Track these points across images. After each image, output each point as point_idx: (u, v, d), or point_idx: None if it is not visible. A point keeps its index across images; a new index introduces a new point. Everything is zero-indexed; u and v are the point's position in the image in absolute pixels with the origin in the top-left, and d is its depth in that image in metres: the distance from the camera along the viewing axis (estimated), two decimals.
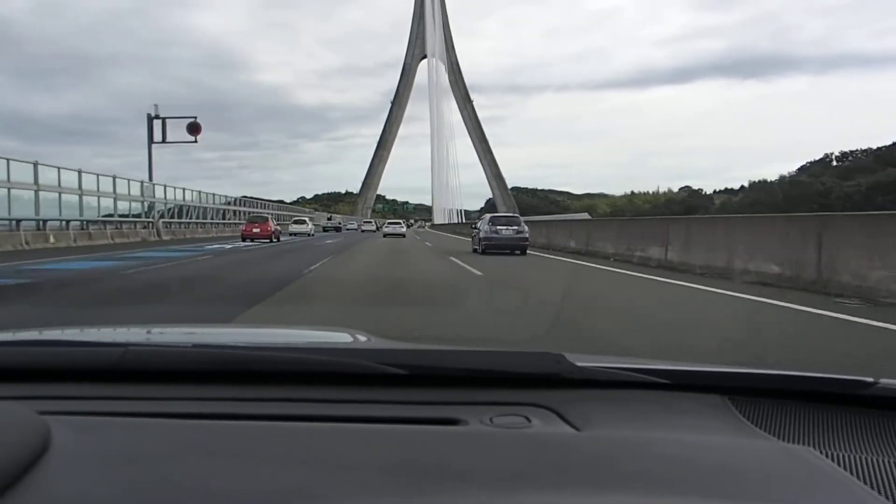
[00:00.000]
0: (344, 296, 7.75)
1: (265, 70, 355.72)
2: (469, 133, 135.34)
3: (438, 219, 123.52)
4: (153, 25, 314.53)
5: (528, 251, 17.12)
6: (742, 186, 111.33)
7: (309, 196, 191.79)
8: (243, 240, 28.71)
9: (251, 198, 54.52)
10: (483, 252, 17.17)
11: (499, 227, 17.73)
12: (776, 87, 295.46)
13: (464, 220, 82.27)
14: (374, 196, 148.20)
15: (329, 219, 72.15)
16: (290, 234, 38.86)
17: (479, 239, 18.14)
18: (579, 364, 0.99)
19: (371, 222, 74.15)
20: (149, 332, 1.64)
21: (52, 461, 0.66)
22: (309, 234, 39.39)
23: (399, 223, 45.36)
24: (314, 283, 9.52)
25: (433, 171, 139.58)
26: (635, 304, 7.49)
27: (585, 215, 50.90)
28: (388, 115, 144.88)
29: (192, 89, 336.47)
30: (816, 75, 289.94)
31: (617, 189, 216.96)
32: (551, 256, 16.10)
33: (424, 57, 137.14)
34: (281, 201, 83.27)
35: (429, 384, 0.98)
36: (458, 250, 19.14)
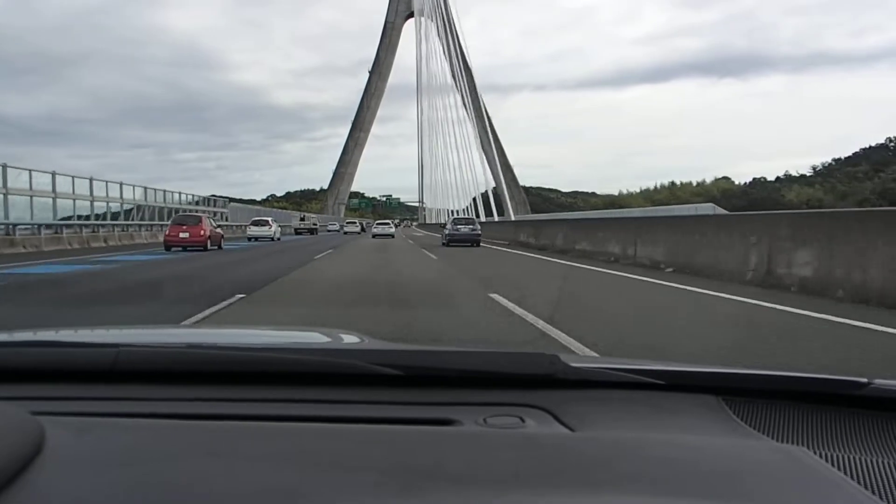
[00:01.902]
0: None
1: (241, 69, 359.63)
2: (467, 111, 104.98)
3: (430, 218, 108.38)
4: (126, 24, 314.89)
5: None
6: (779, 178, 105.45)
7: (280, 194, 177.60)
8: (167, 248, 21.58)
9: (219, 196, 51.99)
10: (447, 245, 24.71)
11: (458, 227, 26.66)
12: (755, 85, 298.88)
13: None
14: (349, 190, 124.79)
15: (302, 219, 61.03)
16: (249, 239, 33.62)
17: (445, 234, 26.57)
18: (573, 364, 1.03)
19: (355, 223, 66.23)
20: (143, 332, 1.81)
21: (46, 462, 0.68)
22: (272, 238, 34.12)
23: (388, 223, 48.21)
24: None
25: (420, 157, 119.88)
26: None
27: (711, 207, 32.12)
28: (366, 88, 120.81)
29: (168, 89, 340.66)
30: (795, 74, 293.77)
31: (599, 188, 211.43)
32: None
33: (411, 15, 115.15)
34: (252, 200, 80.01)
35: (423, 385, 1.02)
36: (432, 244, 26.33)
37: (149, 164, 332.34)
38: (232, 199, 53.88)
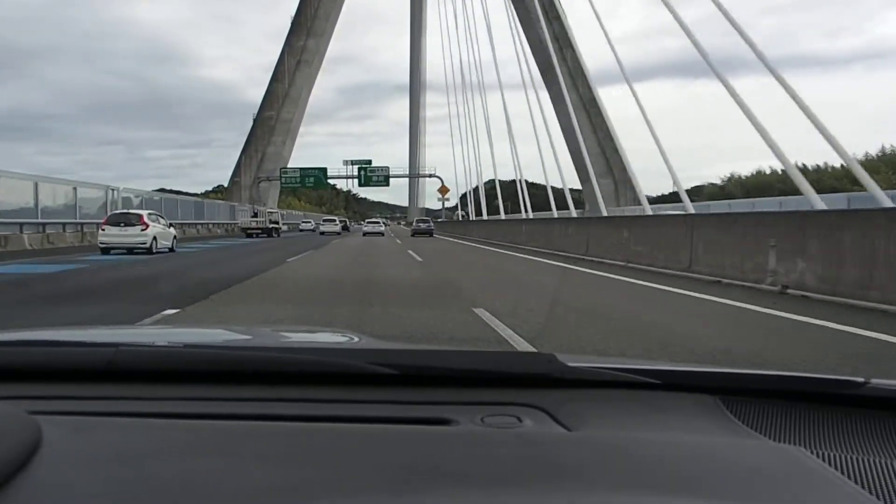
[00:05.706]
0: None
1: (213, 65, 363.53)
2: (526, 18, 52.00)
3: (422, 214, 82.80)
4: (93, 16, 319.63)
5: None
6: None
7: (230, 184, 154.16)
8: None
9: (167, 190, 48.73)
10: (413, 236, 42.48)
11: (420, 224, 46.94)
12: (734, 85, 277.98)
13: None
14: (287, 154, 67.67)
15: (254, 215, 47.01)
16: (104, 250, 21.33)
17: (412, 229, 46.48)
18: (571, 364, 1.08)
19: (334, 220, 55.40)
20: (140, 332, 1.97)
21: (44, 461, 0.72)
22: (150, 249, 21.30)
23: (378, 222, 53.79)
24: None
25: (411, 138, 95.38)
26: None
27: None
28: None
29: (137, 84, 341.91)
30: (768, 75, 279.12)
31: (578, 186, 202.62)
32: None
33: None
34: (155, 188, 67.35)
35: (420, 384, 1.07)
36: (405, 237, 42.26)
37: (120, 161, 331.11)
38: (170, 191, 45.71)
